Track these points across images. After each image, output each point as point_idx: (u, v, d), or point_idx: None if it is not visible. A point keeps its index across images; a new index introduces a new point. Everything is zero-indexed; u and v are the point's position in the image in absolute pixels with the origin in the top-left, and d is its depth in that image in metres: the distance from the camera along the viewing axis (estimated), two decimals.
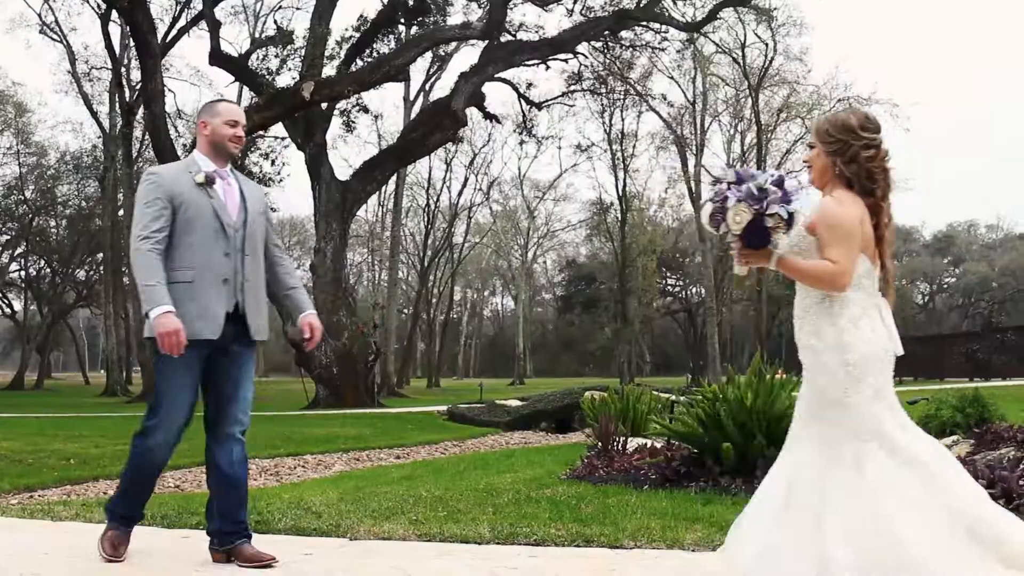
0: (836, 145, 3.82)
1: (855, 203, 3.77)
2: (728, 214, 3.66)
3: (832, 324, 3.72)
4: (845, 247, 3.69)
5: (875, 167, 3.83)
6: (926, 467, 3.58)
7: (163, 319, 4.50)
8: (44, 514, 6.57)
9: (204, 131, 4.89)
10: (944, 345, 46.26)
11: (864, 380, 3.67)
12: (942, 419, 8.99)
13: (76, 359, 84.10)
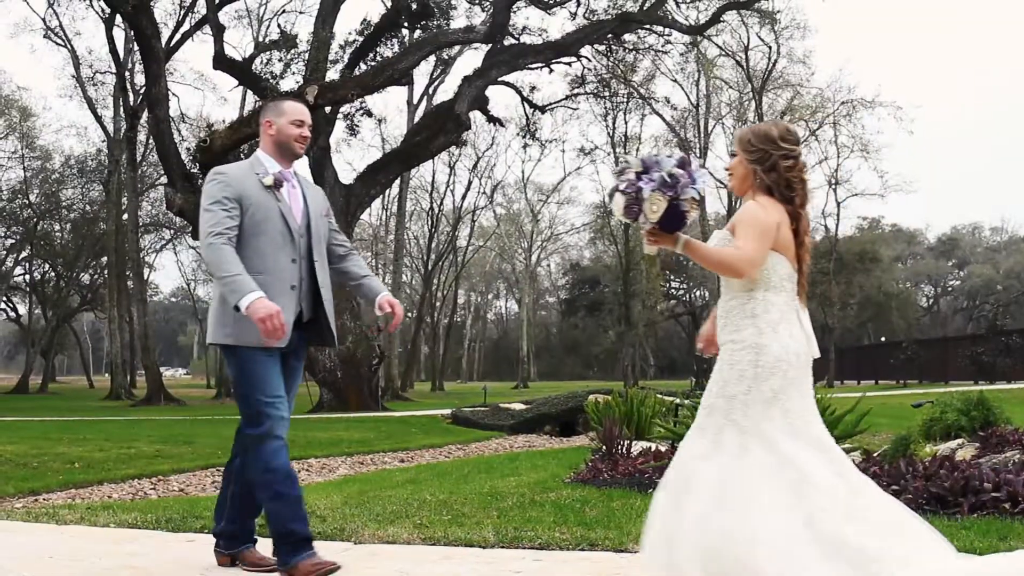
0: (757, 154, 3.96)
1: (776, 208, 3.90)
2: (644, 205, 3.72)
3: (752, 325, 3.85)
4: (755, 239, 3.81)
5: (793, 176, 3.94)
6: (805, 476, 3.65)
7: (258, 304, 4.31)
8: (49, 518, 6.58)
9: (269, 130, 4.77)
10: (949, 348, 46.16)
11: (767, 381, 3.78)
12: (947, 422, 8.97)
13: (80, 363, 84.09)
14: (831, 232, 57.22)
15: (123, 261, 45.62)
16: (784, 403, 3.80)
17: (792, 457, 3.70)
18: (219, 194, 4.53)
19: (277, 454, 4.52)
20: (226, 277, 4.39)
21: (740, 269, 3.81)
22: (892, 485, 6.21)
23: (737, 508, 3.58)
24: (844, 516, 3.60)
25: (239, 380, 4.60)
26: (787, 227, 3.90)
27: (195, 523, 6.16)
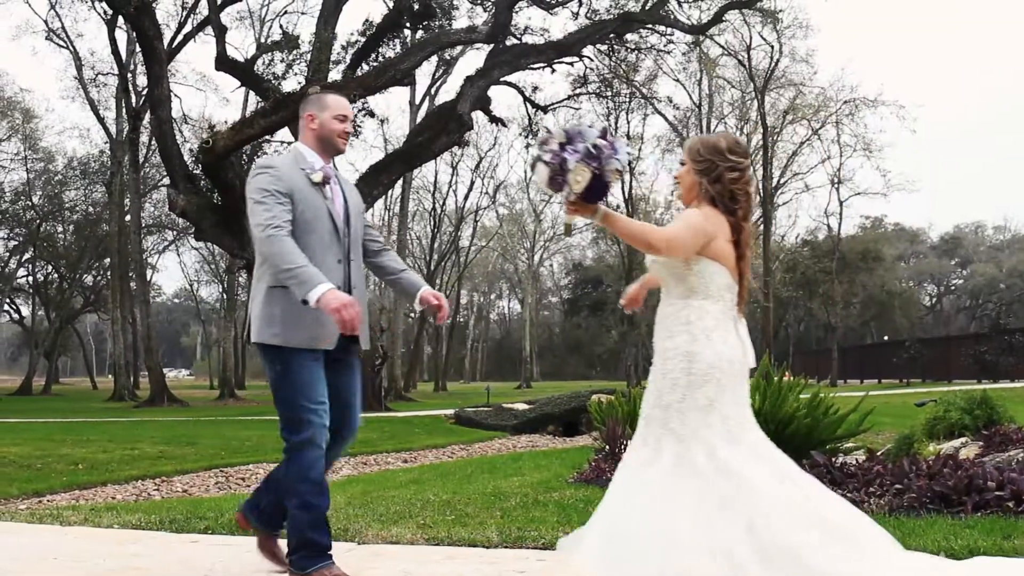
0: (704, 164, 3.98)
1: (717, 218, 3.93)
2: (569, 176, 3.72)
3: (686, 332, 3.88)
4: (683, 229, 3.87)
5: (738, 189, 3.98)
6: (746, 483, 3.67)
7: (330, 295, 4.14)
8: (53, 519, 6.58)
9: (311, 124, 4.59)
10: (952, 347, 46.13)
11: (702, 389, 3.81)
12: (950, 421, 8.97)
13: (84, 364, 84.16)
14: (834, 231, 57.24)
15: (126, 262, 45.64)
16: (721, 410, 3.83)
17: (732, 464, 3.73)
18: (271, 186, 4.38)
19: (315, 464, 4.40)
20: (293, 268, 4.22)
21: (653, 242, 3.86)
22: (896, 484, 6.22)
23: (678, 516, 3.60)
24: (788, 523, 3.62)
25: (282, 383, 4.43)
26: (727, 239, 3.93)
27: (199, 524, 6.16)
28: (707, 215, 3.92)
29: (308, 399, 4.37)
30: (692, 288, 3.92)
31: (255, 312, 4.51)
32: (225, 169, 26.84)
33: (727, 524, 3.57)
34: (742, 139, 4.16)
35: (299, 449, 4.38)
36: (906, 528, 5.21)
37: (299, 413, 4.38)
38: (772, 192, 52.35)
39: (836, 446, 7.65)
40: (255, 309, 4.51)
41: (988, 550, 4.65)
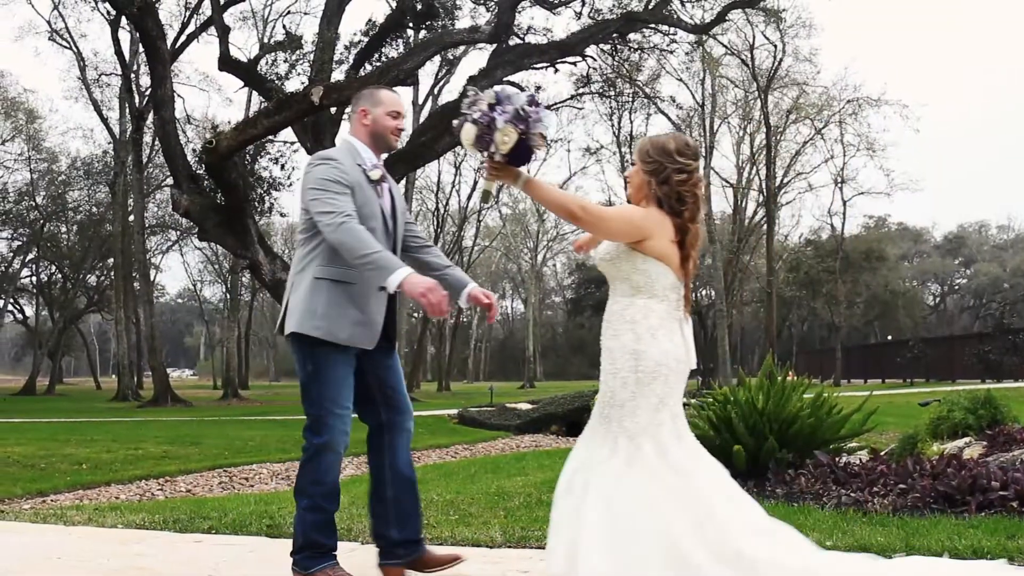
0: (653, 166, 4.01)
1: (661, 218, 3.96)
2: (496, 135, 3.79)
3: (631, 331, 3.93)
4: (616, 216, 3.97)
5: (685, 191, 4.01)
6: (691, 480, 3.80)
7: (414, 279, 4.07)
8: (56, 519, 6.59)
9: (364, 120, 4.49)
10: (955, 346, 46.09)
11: (651, 387, 3.87)
12: (954, 421, 8.96)
13: (87, 364, 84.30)
14: (837, 231, 57.19)
15: (129, 262, 45.65)
16: (671, 408, 3.93)
17: (681, 462, 3.84)
18: (335, 176, 4.28)
19: (331, 469, 4.39)
20: (371, 254, 4.10)
21: (574, 210, 3.91)
22: (899, 484, 6.21)
23: (632, 513, 3.67)
24: (735, 522, 3.76)
25: (312, 380, 4.35)
26: (671, 240, 3.96)
27: (202, 524, 6.16)
28: (648, 214, 3.97)
29: (335, 402, 4.33)
30: (637, 287, 3.96)
31: (295, 302, 4.39)
32: (228, 169, 26.84)
33: (678, 519, 3.66)
34: (692, 141, 4.17)
35: (318, 452, 4.35)
36: (910, 528, 5.20)
37: (324, 415, 4.33)
38: (775, 192, 52.30)
39: (840, 446, 7.64)
40: (295, 299, 4.39)
41: (992, 550, 4.65)
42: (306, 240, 4.40)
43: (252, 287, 62.57)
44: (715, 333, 52.99)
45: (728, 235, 57.17)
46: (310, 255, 4.37)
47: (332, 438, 4.32)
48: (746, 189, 56.46)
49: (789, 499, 6.29)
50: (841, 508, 5.90)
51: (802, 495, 6.37)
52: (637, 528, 3.65)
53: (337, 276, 4.31)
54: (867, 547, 4.83)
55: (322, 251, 4.33)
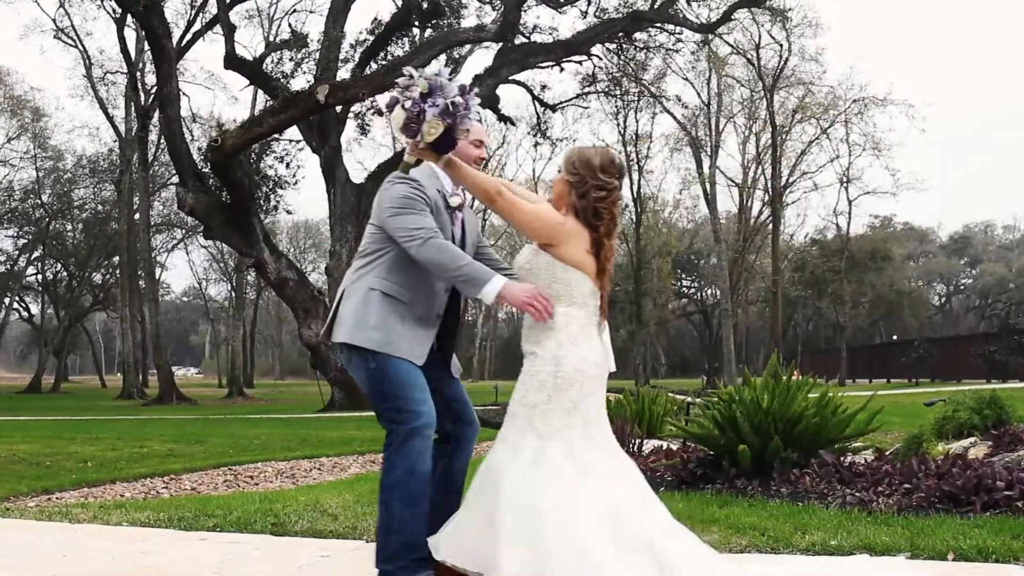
0: (575, 178, 4.07)
1: (577, 228, 4.05)
2: (424, 126, 3.92)
3: (553, 338, 4.02)
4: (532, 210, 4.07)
5: (602, 207, 4.07)
6: (600, 481, 3.87)
7: (512, 287, 4.06)
8: (62, 516, 6.60)
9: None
10: (961, 346, 46.01)
11: (566, 392, 3.96)
12: (959, 421, 8.96)
13: (93, 362, 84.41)
14: (843, 230, 57.14)
15: (135, 261, 45.74)
16: (583, 413, 3.99)
17: (591, 463, 3.91)
18: (416, 194, 4.21)
19: (423, 456, 4.15)
20: (463, 266, 4.08)
21: (492, 195, 4.04)
22: (904, 484, 6.21)
23: (538, 512, 3.75)
24: (643, 520, 3.85)
25: (381, 376, 4.19)
26: (587, 250, 4.05)
27: (207, 521, 6.17)
28: (566, 221, 4.06)
29: (414, 386, 4.18)
30: (558, 295, 4.05)
31: (347, 311, 4.29)
32: (234, 168, 26.89)
33: (587, 520, 3.74)
34: (619, 159, 4.21)
35: (407, 439, 4.13)
36: (915, 528, 5.20)
37: (406, 402, 4.14)
38: (781, 191, 52.25)
39: (845, 445, 7.63)
40: (347, 308, 4.29)
41: (997, 550, 4.65)
42: (366, 252, 4.36)
43: (257, 285, 62.64)
44: (720, 332, 53.01)
45: (733, 234, 57.16)
46: (368, 266, 4.32)
47: (421, 422, 4.13)
48: (752, 188, 56.41)
49: (794, 498, 6.29)
50: (846, 508, 5.89)
51: (807, 494, 6.36)
52: (543, 527, 3.71)
53: (391, 291, 4.24)
54: (872, 547, 4.84)
55: (380, 264, 4.29)
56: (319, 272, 63.62)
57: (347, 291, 4.35)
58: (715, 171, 50.39)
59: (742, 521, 5.55)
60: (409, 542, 4.08)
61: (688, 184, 57.84)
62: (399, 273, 4.25)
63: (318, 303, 28.40)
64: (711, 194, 49.66)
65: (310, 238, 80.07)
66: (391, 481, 4.18)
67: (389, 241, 4.25)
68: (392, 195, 4.23)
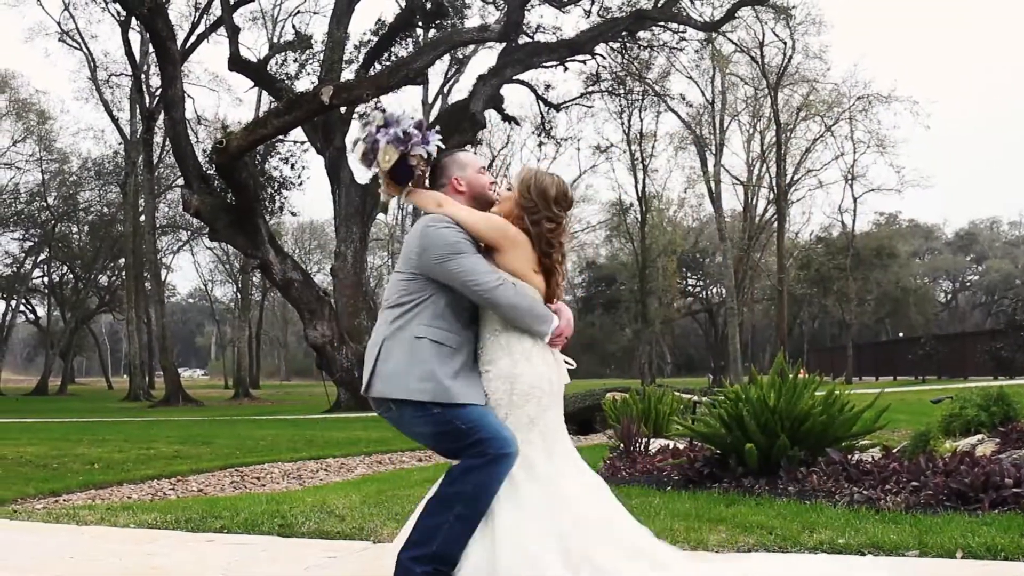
0: (529, 204, 4.12)
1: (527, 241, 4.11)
2: (379, 154, 4.10)
3: (507, 356, 4.06)
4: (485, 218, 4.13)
5: (552, 238, 4.13)
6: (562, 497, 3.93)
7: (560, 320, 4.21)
8: (69, 518, 6.61)
9: (460, 187, 4.35)
10: (967, 343, 45.96)
11: (523, 408, 4.00)
12: (966, 418, 8.93)
13: (99, 364, 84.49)
14: (848, 228, 57.09)
15: (140, 262, 45.78)
16: (542, 428, 4.03)
17: (551, 478, 3.96)
18: (464, 237, 4.13)
19: (500, 482, 4.00)
20: (537, 303, 4.13)
21: (440, 201, 4.13)
22: (912, 481, 6.20)
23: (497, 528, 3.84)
24: (596, 537, 3.90)
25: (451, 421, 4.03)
26: (534, 269, 4.11)
27: (214, 523, 6.17)
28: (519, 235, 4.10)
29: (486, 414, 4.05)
30: None
31: (394, 364, 4.12)
32: (239, 169, 26.92)
33: (539, 533, 3.80)
34: (571, 192, 4.29)
35: (497, 460, 3.99)
36: (923, 526, 5.19)
37: (488, 432, 3.98)
38: (786, 189, 52.25)
39: (852, 443, 7.61)
40: (394, 360, 4.12)
41: (1006, 547, 4.63)
42: (402, 302, 4.20)
43: (263, 286, 62.70)
44: (726, 331, 52.96)
45: (739, 233, 57.13)
46: (407, 315, 4.17)
47: (511, 449, 3.99)
48: (756, 186, 56.42)
49: (801, 497, 6.28)
50: (853, 506, 5.88)
51: (814, 493, 6.35)
52: (502, 539, 3.80)
53: (441, 338, 4.11)
54: (880, 545, 4.83)
55: (423, 311, 4.15)
56: (324, 273, 63.74)
57: (387, 344, 4.17)
58: (720, 169, 50.42)
59: (749, 520, 5.54)
60: (447, 554, 3.99)
61: (693, 182, 57.90)
62: (446, 320, 4.14)
63: (323, 304, 28.43)
64: (716, 192, 49.65)
65: (315, 239, 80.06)
66: (460, 491, 4.02)
67: (430, 287, 4.14)
68: (441, 241, 4.11)
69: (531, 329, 4.13)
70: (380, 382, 4.12)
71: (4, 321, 60.78)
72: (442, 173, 4.42)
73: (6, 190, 55.60)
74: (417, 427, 4.17)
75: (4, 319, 60.83)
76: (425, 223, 4.18)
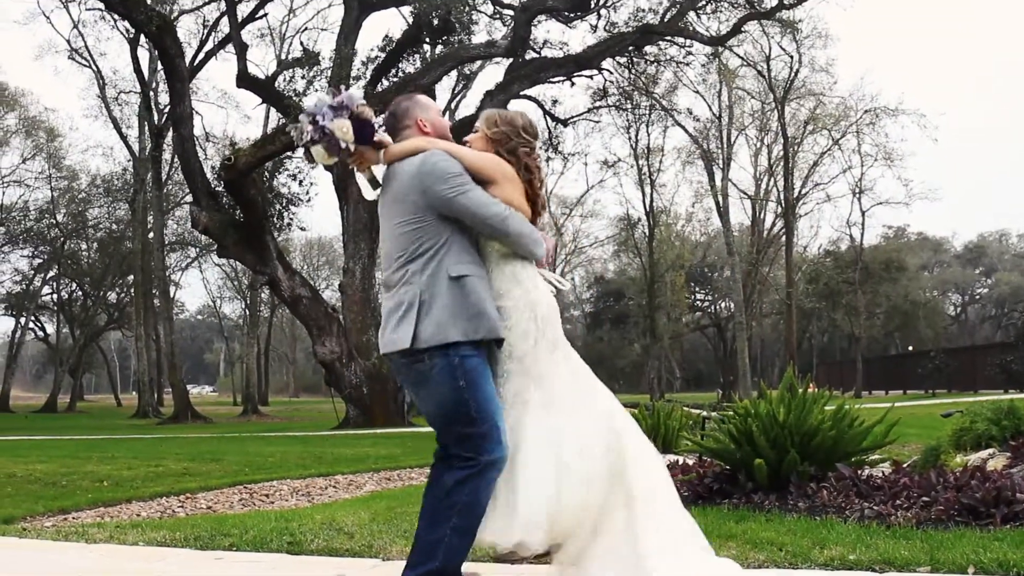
0: (499, 135, 4.24)
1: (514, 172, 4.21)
2: (336, 133, 4.08)
3: (518, 284, 4.12)
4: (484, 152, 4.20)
5: (530, 162, 4.25)
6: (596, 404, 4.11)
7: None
8: (78, 536, 6.61)
9: (425, 128, 4.30)
10: (977, 356, 45.86)
11: (547, 333, 4.07)
12: (977, 432, 8.89)
13: (108, 381, 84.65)
14: (856, 241, 57.03)
15: (149, 279, 45.91)
16: (562, 348, 4.14)
17: (583, 393, 4.09)
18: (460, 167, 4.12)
19: (489, 489, 4.00)
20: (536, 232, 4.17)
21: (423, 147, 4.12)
22: (923, 496, 6.17)
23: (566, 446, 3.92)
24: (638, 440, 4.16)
25: (468, 395, 4.00)
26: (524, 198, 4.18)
27: (223, 540, 6.16)
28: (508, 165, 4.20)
29: (497, 414, 4.00)
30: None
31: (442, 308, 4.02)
32: (247, 186, 27.00)
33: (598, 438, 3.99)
34: (534, 123, 4.44)
35: (485, 470, 3.96)
36: (934, 541, 5.16)
37: (491, 430, 3.97)
38: (794, 203, 52.25)
39: (862, 458, 7.59)
40: (439, 304, 4.02)
41: (1018, 563, 4.61)
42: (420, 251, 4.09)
43: (271, 303, 62.77)
44: (735, 345, 52.88)
45: (747, 247, 57.12)
46: (435, 259, 4.07)
47: (502, 454, 3.97)
48: (764, 201, 56.41)
49: (811, 512, 6.26)
50: (864, 521, 5.86)
51: (824, 508, 6.33)
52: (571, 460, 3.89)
53: (477, 273, 4.09)
54: (891, 561, 4.81)
55: (446, 253, 4.07)
56: (333, 289, 63.69)
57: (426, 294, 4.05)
58: (727, 184, 50.41)
59: (760, 536, 5.52)
60: (450, 567, 3.96)
61: (700, 197, 57.96)
62: (470, 254, 4.12)
63: (332, 320, 28.45)
64: (724, 207, 49.63)
65: (323, 255, 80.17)
66: (455, 503, 3.98)
67: (445, 227, 4.08)
68: (447, 174, 4.07)
69: (532, 254, 4.18)
70: (431, 327, 3.99)
71: (13, 338, 60.92)
72: (406, 114, 4.39)
73: (15, 207, 55.82)
74: (438, 383, 4.03)
75: (13, 336, 60.97)
76: (420, 160, 4.11)
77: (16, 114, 53.56)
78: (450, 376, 3.98)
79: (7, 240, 56.57)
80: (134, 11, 28.66)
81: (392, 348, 4.08)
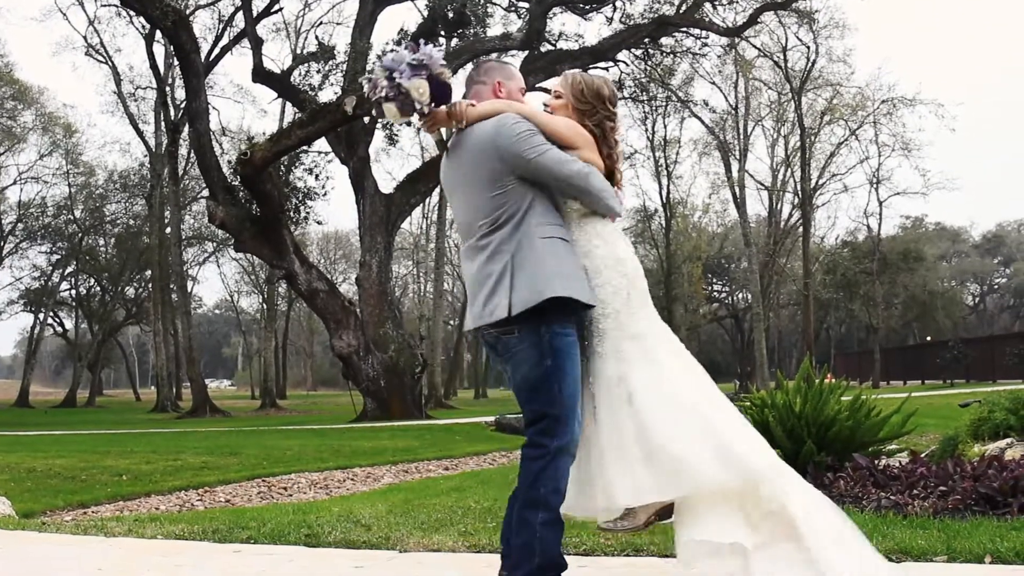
0: (587, 107, 4.19)
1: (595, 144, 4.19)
2: (413, 93, 3.92)
3: (603, 241, 4.09)
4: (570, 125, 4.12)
5: (611, 135, 4.24)
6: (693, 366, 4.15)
7: None
8: (98, 530, 6.63)
9: (500, 92, 4.23)
10: (996, 346, 45.63)
11: (637, 286, 4.08)
12: (995, 421, 8.85)
13: (127, 376, 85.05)
14: (874, 231, 56.78)
15: (167, 274, 45.99)
16: (651, 303, 4.15)
17: (679, 348, 4.13)
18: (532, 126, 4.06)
19: (567, 475, 3.94)
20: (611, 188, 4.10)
21: (502, 109, 4.05)
22: (940, 486, 6.16)
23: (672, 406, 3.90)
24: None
25: (552, 375, 3.92)
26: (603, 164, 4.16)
27: (242, 534, 6.18)
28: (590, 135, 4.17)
29: (575, 398, 3.94)
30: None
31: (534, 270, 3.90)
32: (263, 180, 27.04)
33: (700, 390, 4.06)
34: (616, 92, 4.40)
35: (556, 456, 3.90)
36: (951, 531, 5.15)
37: (566, 415, 3.91)
38: (811, 193, 52.05)
39: (879, 448, 7.58)
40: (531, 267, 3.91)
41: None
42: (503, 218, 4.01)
43: (288, 297, 62.83)
44: (752, 336, 52.76)
45: (764, 238, 56.94)
46: (522, 225, 3.99)
47: (573, 439, 3.93)
48: (781, 191, 56.22)
49: None
50: (881, 511, 5.85)
51: (841, 498, 6.31)
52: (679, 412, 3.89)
53: (565, 235, 4.04)
54: (908, 550, 4.80)
55: (531, 217, 3.99)
56: (349, 283, 63.80)
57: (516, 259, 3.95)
58: (744, 174, 50.24)
59: None
60: (548, 564, 3.90)
61: (717, 188, 57.75)
62: (555, 216, 4.06)
63: (349, 313, 28.49)
64: (740, 198, 49.50)
65: (340, 249, 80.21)
66: (536, 498, 3.92)
67: (527, 190, 4.00)
68: (524, 135, 4.00)
69: (611, 210, 4.13)
70: (525, 292, 3.88)
71: (32, 334, 61.16)
72: (487, 73, 4.32)
73: (33, 204, 56.08)
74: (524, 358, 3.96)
75: (32, 332, 61.22)
76: (495, 124, 4.01)
77: (34, 111, 53.74)
78: (538, 353, 3.91)
79: (25, 236, 56.85)
80: (149, 7, 28.71)
81: (487, 320, 3.98)
